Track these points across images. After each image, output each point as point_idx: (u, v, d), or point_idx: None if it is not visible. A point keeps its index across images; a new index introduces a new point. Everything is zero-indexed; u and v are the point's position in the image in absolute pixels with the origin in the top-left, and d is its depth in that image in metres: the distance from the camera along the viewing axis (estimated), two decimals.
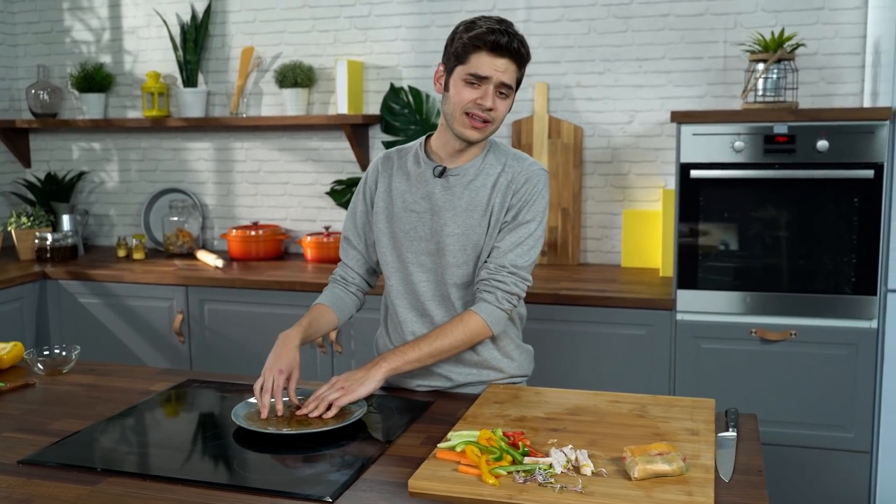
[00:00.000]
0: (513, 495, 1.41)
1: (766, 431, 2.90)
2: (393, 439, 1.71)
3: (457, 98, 1.89)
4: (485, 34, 1.84)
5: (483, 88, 1.86)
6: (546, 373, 3.04)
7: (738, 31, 3.32)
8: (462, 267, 1.97)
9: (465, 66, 1.87)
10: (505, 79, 1.87)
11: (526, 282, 1.95)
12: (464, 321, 1.91)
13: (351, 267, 2.13)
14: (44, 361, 2.19)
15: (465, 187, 1.97)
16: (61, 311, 3.68)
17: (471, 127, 1.89)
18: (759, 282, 2.87)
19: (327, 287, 2.14)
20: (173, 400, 2.00)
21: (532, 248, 1.95)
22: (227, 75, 4.00)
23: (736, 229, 2.89)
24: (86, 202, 4.34)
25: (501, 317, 1.93)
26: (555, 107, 3.57)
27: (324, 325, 2.04)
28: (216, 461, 1.64)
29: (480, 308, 1.92)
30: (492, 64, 1.85)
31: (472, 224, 1.95)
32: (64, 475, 1.56)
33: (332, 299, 2.09)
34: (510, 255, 1.93)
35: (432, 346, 1.90)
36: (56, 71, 4.27)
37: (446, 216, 1.96)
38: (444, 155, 1.99)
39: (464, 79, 1.87)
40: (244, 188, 4.07)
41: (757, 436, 1.71)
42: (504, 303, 1.92)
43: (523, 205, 1.94)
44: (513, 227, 1.94)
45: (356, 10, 3.77)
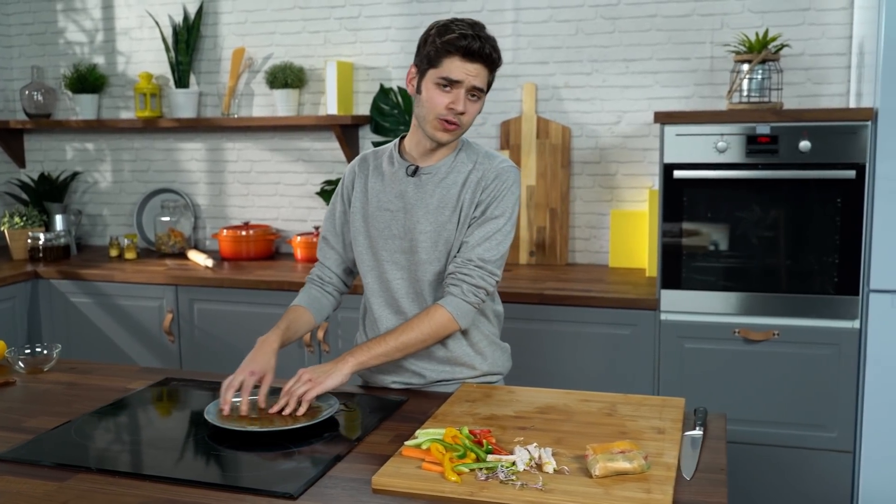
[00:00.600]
0: (473, 492, 1.43)
1: (749, 431, 2.92)
2: (363, 437, 1.73)
3: (429, 102, 1.91)
4: (457, 39, 1.86)
5: (455, 93, 1.89)
6: (531, 372, 3.06)
7: (725, 32, 3.32)
8: (434, 263, 1.99)
9: (437, 69, 1.89)
10: (476, 83, 1.90)
11: (494, 276, 1.96)
12: (430, 315, 1.93)
13: (328, 267, 2.15)
14: (25, 360, 2.21)
15: (437, 185, 1.99)
16: (53, 311, 3.71)
17: (442, 130, 1.93)
18: (743, 282, 2.88)
19: (304, 287, 2.16)
20: (149, 398, 2.01)
21: (500, 243, 1.96)
22: (218, 76, 4.02)
23: (719, 230, 2.90)
24: (79, 202, 4.36)
25: (468, 310, 1.94)
26: (543, 107, 3.59)
27: (301, 326, 2.05)
28: (185, 458, 1.66)
29: (446, 301, 1.94)
30: (464, 69, 1.87)
31: (444, 221, 1.97)
32: (34, 472, 1.58)
33: (308, 300, 2.11)
34: (478, 250, 1.94)
35: (399, 339, 1.91)
36: (50, 72, 4.30)
37: (419, 214, 1.98)
38: (417, 154, 2.01)
39: (436, 82, 1.90)
40: (236, 188, 4.10)
41: (724, 435, 1.71)
42: (470, 296, 1.93)
43: (492, 200, 1.96)
44: (481, 221, 1.96)
45: (346, 12, 3.79)
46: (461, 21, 1.91)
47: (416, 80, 1.95)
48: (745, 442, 2.93)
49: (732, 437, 2.93)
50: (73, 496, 1.47)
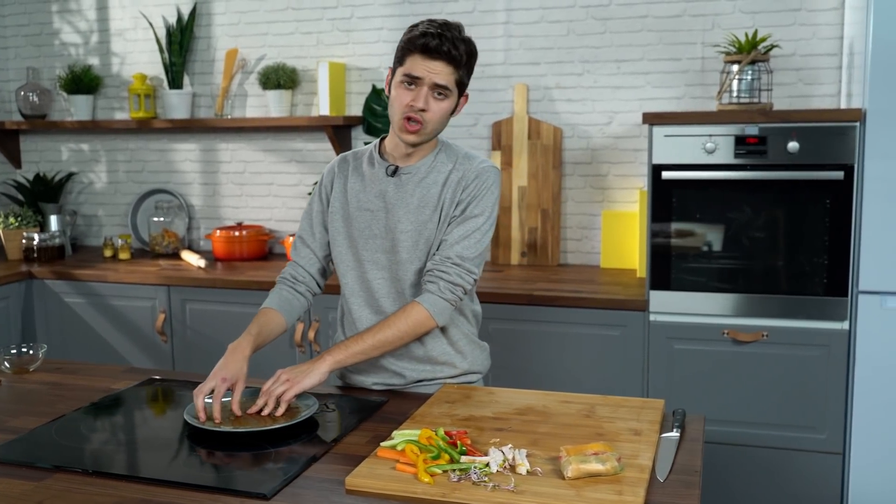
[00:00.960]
0: (445, 493, 1.43)
1: (738, 433, 2.93)
2: (340, 438, 1.73)
3: (395, 101, 1.93)
4: (417, 37, 1.88)
5: (417, 90, 1.90)
6: (520, 373, 3.07)
7: (716, 33, 3.32)
8: (415, 263, 2.00)
9: (402, 67, 1.91)
10: (438, 80, 1.89)
11: (471, 274, 1.96)
12: (407, 312, 1.93)
13: (302, 266, 2.14)
14: (10, 360, 2.22)
15: (417, 185, 2.00)
16: (47, 311, 3.72)
17: (406, 130, 1.93)
18: (732, 283, 2.88)
19: (274, 288, 2.13)
20: (131, 398, 2.02)
21: (479, 242, 1.97)
22: (212, 77, 4.04)
23: (709, 230, 2.90)
24: (75, 202, 4.38)
25: (444, 307, 1.94)
26: (534, 108, 3.59)
27: (272, 330, 2.03)
28: (162, 458, 1.67)
29: (423, 298, 1.94)
30: (424, 66, 1.88)
31: (424, 220, 1.98)
32: (13, 471, 1.59)
33: (279, 302, 2.08)
34: (456, 248, 1.95)
35: (375, 337, 1.92)
36: (45, 73, 4.32)
37: (399, 213, 1.99)
38: (397, 155, 2.02)
39: (400, 80, 1.92)
40: (229, 189, 4.11)
41: (701, 436, 1.72)
42: (447, 293, 1.93)
43: (472, 199, 1.97)
44: (460, 220, 1.97)
45: (338, 13, 3.80)
46: (431, 21, 1.93)
47: (390, 82, 1.97)
48: (734, 443, 2.93)
49: (721, 438, 2.94)
50: (48, 496, 1.48)
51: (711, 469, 2.97)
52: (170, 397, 2.04)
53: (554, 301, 3.04)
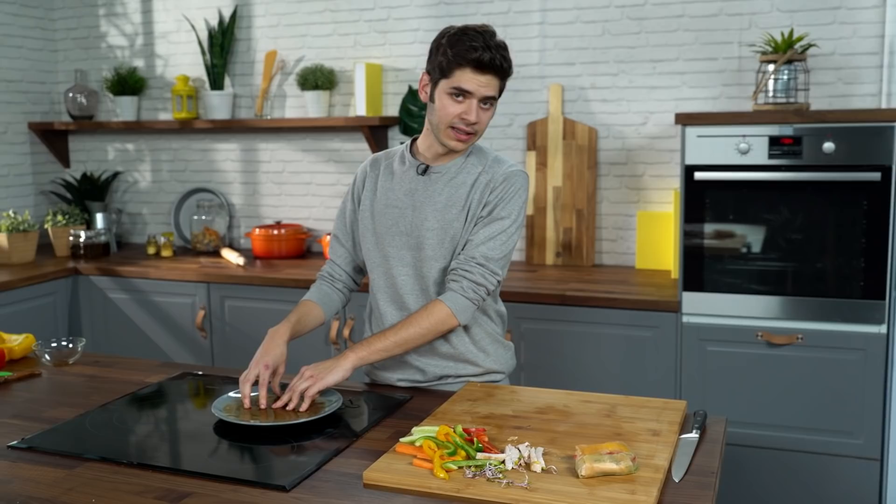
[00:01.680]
0: (460, 489, 1.45)
1: (772, 436, 2.90)
2: (362, 433, 1.76)
3: (442, 112, 1.94)
4: (468, 51, 1.87)
5: (467, 103, 1.92)
6: (551, 373, 3.08)
7: (753, 32, 3.29)
8: (440, 261, 2.02)
9: (448, 80, 1.92)
10: (488, 93, 1.92)
11: (495, 275, 1.98)
12: (429, 310, 1.96)
13: (338, 264, 2.20)
14: (51, 353, 2.29)
15: (446, 184, 2.03)
16: (92, 306, 3.82)
17: (456, 139, 1.96)
18: (766, 285, 2.86)
19: (314, 283, 2.21)
20: (163, 391, 2.08)
21: (504, 244, 1.98)
22: (252, 78, 4.11)
23: (742, 232, 2.88)
24: (120, 201, 4.49)
25: (466, 306, 1.96)
26: (569, 108, 3.59)
27: (311, 321, 2.11)
28: (188, 450, 1.72)
29: (446, 297, 1.96)
30: (475, 80, 1.90)
31: (451, 219, 2.00)
32: (47, 459, 1.65)
33: (318, 296, 2.16)
34: (481, 248, 1.97)
35: (398, 335, 1.95)
36: (92, 75, 4.43)
37: (426, 211, 2.02)
38: (429, 156, 2.05)
39: (448, 93, 1.92)
40: (269, 188, 4.17)
41: (721, 438, 1.71)
42: (470, 292, 1.95)
43: (499, 201, 1.99)
44: (487, 221, 1.99)
45: (375, 14, 3.84)
46: (472, 30, 1.92)
47: (429, 89, 1.98)
48: (768, 447, 2.91)
49: (755, 441, 2.91)
50: (79, 483, 1.53)
51: (744, 472, 2.95)
52: (201, 391, 2.09)
53: (586, 301, 3.04)
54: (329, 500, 1.46)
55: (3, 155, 4.24)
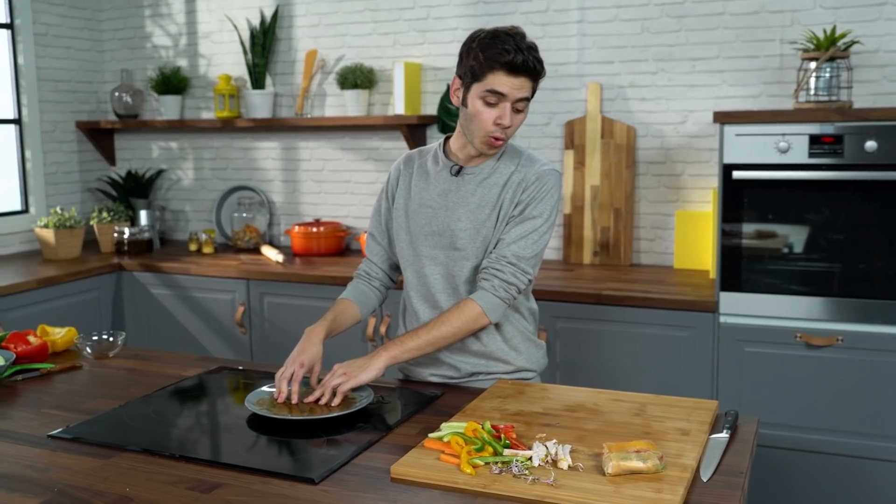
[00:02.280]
0: (486, 485, 1.46)
1: (811, 439, 2.86)
2: (393, 428, 1.78)
3: (476, 118, 1.93)
4: (500, 54, 1.87)
5: (501, 106, 1.91)
6: (586, 372, 3.07)
7: (795, 29, 3.25)
8: (472, 260, 2.03)
9: (481, 83, 1.91)
10: (521, 94, 1.92)
11: (527, 274, 1.98)
12: (460, 309, 1.97)
13: (375, 262, 2.23)
14: (92, 346, 2.35)
15: (479, 184, 2.03)
16: (135, 301, 3.90)
17: (490, 145, 1.97)
18: (805, 285, 2.82)
19: (351, 282, 2.24)
20: (199, 385, 2.12)
21: (535, 243, 1.99)
22: (292, 77, 4.15)
23: (781, 231, 2.84)
24: (163, 198, 4.57)
25: (498, 304, 1.97)
26: (608, 107, 3.57)
27: (347, 319, 2.13)
28: (221, 442, 1.75)
29: (478, 296, 1.97)
30: (509, 83, 1.89)
31: (483, 219, 2.01)
32: (84, 449, 1.69)
33: (355, 294, 2.18)
34: (513, 247, 1.98)
35: (430, 334, 1.96)
36: (138, 74, 4.52)
37: (459, 212, 2.03)
38: (462, 157, 2.06)
39: (481, 97, 1.91)
40: (308, 186, 4.22)
41: (752, 439, 1.70)
42: (500, 291, 1.96)
43: (531, 201, 1.99)
44: (519, 220, 1.99)
45: (415, 13, 3.86)
46: (502, 33, 1.91)
47: (461, 93, 1.97)
48: (807, 450, 2.87)
49: (793, 444, 2.88)
50: (114, 473, 1.57)
51: (782, 476, 2.91)
52: (235, 385, 2.13)
53: (622, 301, 3.02)
54: (356, 493, 1.48)
55: (52, 153, 4.35)
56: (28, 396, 2.03)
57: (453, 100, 2.02)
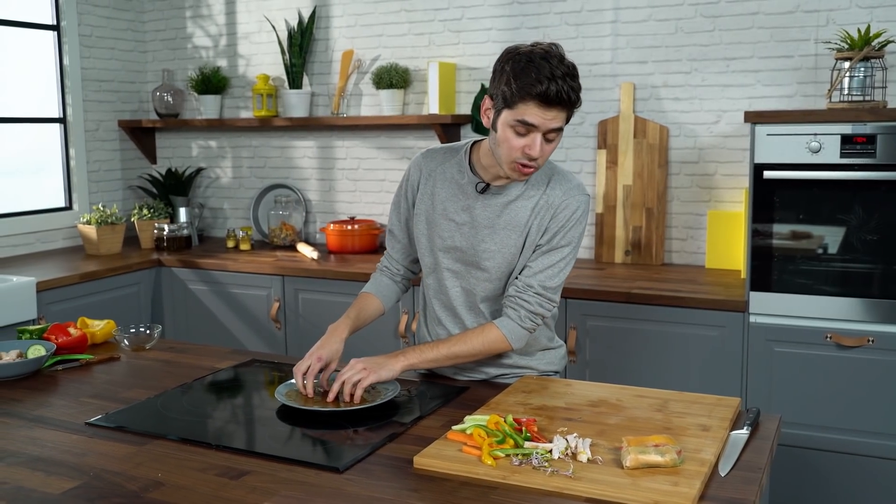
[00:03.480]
0: (506, 475, 1.49)
1: (841, 439, 2.85)
2: (417, 421, 1.82)
3: (505, 145, 1.85)
4: (533, 85, 1.75)
5: (531, 137, 1.82)
6: (616, 370, 3.08)
7: (831, 29, 3.22)
8: (494, 282, 2.03)
9: (512, 112, 1.81)
10: (553, 125, 1.82)
11: (552, 303, 1.99)
12: (484, 332, 1.98)
13: (395, 258, 2.24)
14: (129, 338, 2.42)
15: (506, 206, 1.99)
16: (173, 296, 3.99)
17: (518, 172, 1.89)
18: (836, 285, 2.80)
19: (373, 275, 2.26)
20: (231, 376, 2.17)
21: (562, 271, 1.98)
22: (329, 77, 4.21)
23: (812, 231, 2.83)
24: (202, 196, 4.66)
25: (522, 335, 1.99)
26: (641, 107, 3.58)
27: (370, 313, 2.16)
28: (251, 431, 1.81)
29: (502, 323, 1.98)
30: (541, 115, 1.79)
31: (509, 243, 1.99)
32: (120, 436, 1.75)
33: (376, 288, 2.21)
34: (539, 276, 1.97)
35: (451, 350, 1.98)
36: (178, 74, 4.61)
37: (484, 232, 2.00)
38: (489, 175, 1.99)
39: (511, 125, 1.82)
40: (344, 184, 4.28)
41: (772, 436, 1.70)
42: (526, 321, 1.97)
43: (559, 230, 1.96)
44: (546, 249, 1.97)
45: (449, 14, 3.90)
46: (538, 56, 1.78)
47: (492, 115, 1.87)
48: (836, 450, 2.85)
49: (823, 444, 2.86)
50: (147, 459, 1.63)
51: (811, 475, 2.90)
52: (266, 377, 2.18)
53: (652, 300, 3.03)
54: (379, 482, 1.51)
55: (95, 151, 4.46)
56: (67, 385, 2.10)
57: (483, 120, 1.91)
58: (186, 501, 1.44)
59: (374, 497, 1.45)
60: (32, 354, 2.18)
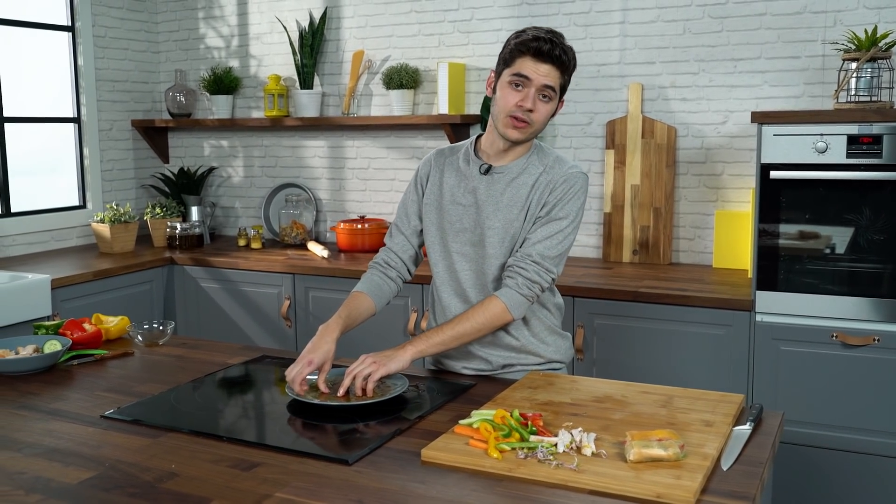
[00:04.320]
0: (511, 468, 1.53)
1: (846, 438, 2.86)
2: (425, 415, 1.85)
3: (502, 101, 2.02)
4: (529, 41, 1.98)
5: (525, 91, 1.99)
6: (623, 368, 3.10)
7: (838, 30, 3.24)
8: (500, 258, 2.09)
9: (510, 68, 2.00)
10: (546, 82, 1.99)
11: (550, 273, 2.04)
12: (484, 306, 2.03)
13: (395, 252, 2.25)
14: (143, 334, 2.46)
15: (508, 184, 2.09)
16: (185, 294, 4.03)
17: (512, 127, 2.02)
18: (842, 285, 2.82)
19: (366, 273, 2.25)
20: (243, 372, 2.21)
21: (560, 243, 2.04)
22: (340, 77, 4.25)
23: (819, 231, 2.85)
24: (214, 195, 4.71)
25: (521, 301, 2.03)
26: (649, 107, 3.60)
27: (361, 314, 2.16)
28: (262, 425, 1.84)
29: (502, 293, 2.03)
30: (534, 68, 1.98)
31: (511, 218, 2.07)
32: (134, 429, 1.79)
33: (369, 287, 2.20)
34: (538, 246, 2.03)
35: (455, 329, 2.02)
36: (191, 75, 4.66)
37: (489, 210, 2.09)
38: (492, 153, 2.11)
39: (509, 81, 2.00)
40: (354, 184, 4.31)
41: (775, 432, 1.73)
42: (524, 289, 2.02)
43: (557, 202, 2.05)
44: (545, 221, 2.05)
45: (459, 15, 3.93)
46: (538, 28, 2.02)
47: (494, 83, 2.07)
48: (842, 449, 2.87)
49: (828, 443, 2.88)
50: (161, 451, 1.67)
51: (816, 474, 2.92)
52: (275, 373, 2.22)
53: (659, 298, 3.06)
54: (387, 474, 1.55)
55: (108, 150, 4.51)
56: (82, 380, 2.15)
57: (487, 91, 2.10)
58: (200, 492, 1.47)
59: (382, 488, 1.49)
60: (48, 349, 2.23)
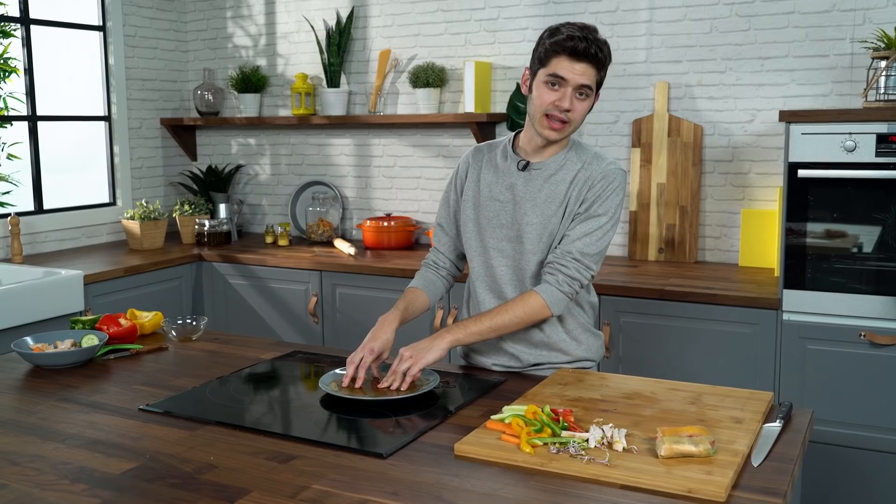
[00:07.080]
0: (544, 463, 1.55)
1: (874, 437, 2.86)
2: (457, 410, 1.88)
3: (538, 100, 2.04)
4: (565, 40, 1.97)
5: (562, 91, 2.00)
6: (648, 366, 3.11)
7: (867, 28, 3.23)
8: (538, 254, 2.11)
9: (545, 68, 2.01)
10: (583, 81, 2.00)
11: (590, 270, 2.06)
12: (524, 300, 2.05)
13: (442, 252, 2.31)
14: (177, 329, 2.50)
15: (546, 180, 2.11)
16: (214, 290, 4.08)
17: (549, 128, 2.04)
18: (870, 284, 2.82)
19: (419, 271, 2.33)
20: (276, 367, 2.25)
21: (600, 240, 2.06)
22: (366, 76, 4.29)
23: (846, 230, 2.84)
24: (242, 192, 4.76)
25: (560, 298, 2.05)
26: (675, 105, 3.61)
27: (418, 307, 2.22)
28: (297, 419, 1.88)
29: (541, 289, 2.05)
30: (570, 67, 1.98)
31: (549, 214, 2.09)
32: (172, 422, 1.83)
33: (423, 283, 2.28)
34: (577, 243, 2.05)
35: (493, 321, 2.04)
36: (219, 73, 4.71)
37: (527, 206, 2.11)
38: (529, 150, 2.14)
39: (545, 81, 2.02)
40: (380, 182, 4.35)
41: (804, 429, 1.74)
42: (564, 286, 2.04)
43: (596, 199, 2.06)
44: (584, 217, 2.06)
45: (485, 14, 3.95)
46: (572, 24, 2.02)
47: (529, 81, 2.08)
48: (869, 448, 2.87)
49: (855, 442, 2.88)
50: (199, 443, 1.70)
51: (843, 473, 2.92)
52: (309, 368, 2.25)
53: (685, 297, 3.06)
54: (421, 467, 1.58)
55: (138, 148, 4.57)
56: (119, 374, 2.19)
57: (523, 89, 2.12)
58: (239, 483, 1.51)
59: (416, 481, 1.51)
60: (86, 344, 2.27)
